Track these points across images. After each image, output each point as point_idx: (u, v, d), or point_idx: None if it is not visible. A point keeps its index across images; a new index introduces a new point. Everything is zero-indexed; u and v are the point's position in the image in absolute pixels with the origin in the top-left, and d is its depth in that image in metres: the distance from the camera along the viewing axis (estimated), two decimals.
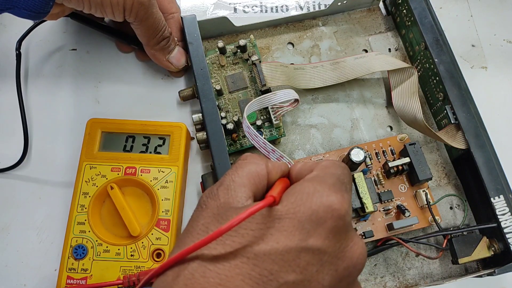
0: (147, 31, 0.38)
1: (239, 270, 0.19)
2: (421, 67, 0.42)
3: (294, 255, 0.20)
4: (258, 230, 0.20)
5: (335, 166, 0.25)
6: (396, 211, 0.37)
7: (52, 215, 0.39)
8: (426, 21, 0.41)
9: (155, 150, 0.39)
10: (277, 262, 0.19)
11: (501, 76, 0.46)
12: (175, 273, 0.20)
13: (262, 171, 0.25)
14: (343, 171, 0.25)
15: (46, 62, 0.45)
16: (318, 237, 0.20)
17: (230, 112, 0.41)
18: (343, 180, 0.24)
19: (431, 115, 0.43)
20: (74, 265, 0.36)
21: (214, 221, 0.22)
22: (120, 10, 0.35)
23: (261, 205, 0.20)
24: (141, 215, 0.38)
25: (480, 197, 0.37)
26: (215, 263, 0.20)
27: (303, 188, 0.22)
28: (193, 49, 0.40)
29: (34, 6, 0.31)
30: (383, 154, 0.39)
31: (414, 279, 0.38)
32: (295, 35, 0.46)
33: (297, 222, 0.20)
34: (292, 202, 0.21)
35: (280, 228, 0.20)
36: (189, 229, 0.23)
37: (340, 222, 0.21)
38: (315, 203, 0.21)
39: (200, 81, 0.38)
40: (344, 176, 0.25)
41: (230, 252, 0.20)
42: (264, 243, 0.20)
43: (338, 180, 0.24)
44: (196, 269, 0.20)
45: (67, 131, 0.42)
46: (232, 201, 0.23)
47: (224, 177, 0.25)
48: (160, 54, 0.40)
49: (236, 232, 0.20)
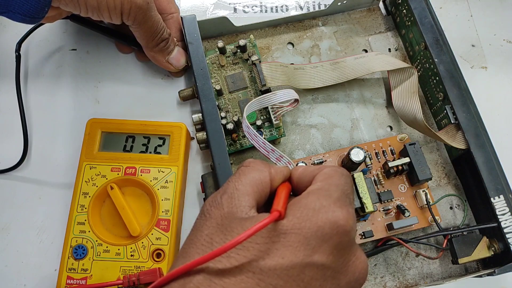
0: (145, 34, 0.38)
1: (244, 285, 0.19)
2: (421, 67, 0.42)
3: (299, 270, 0.20)
4: (264, 244, 0.20)
5: (337, 175, 0.25)
6: (396, 211, 0.37)
7: (52, 215, 0.39)
8: (426, 21, 0.41)
9: (155, 150, 0.39)
10: (282, 277, 0.20)
11: (501, 76, 0.46)
12: (180, 285, 0.20)
13: (265, 178, 0.25)
14: (346, 180, 0.25)
15: (46, 62, 0.45)
16: (323, 253, 0.20)
17: (230, 112, 0.41)
18: (347, 192, 0.24)
19: (431, 115, 0.43)
20: (74, 265, 0.36)
21: (218, 232, 0.22)
22: (117, 14, 0.35)
23: (267, 221, 0.20)
24: (141, 215, 0.38)
25: (480, 197, 0.37)
26: (221, 276, 0.20)
27: (309, 202, 0.22)
28: (193, 49, 0.40)
29: (29, 11, 0.30)
30: (383, 154, 0.39)
31: (414, 279, 0.38)
32: (295, 35, 0.46)
33: (303, 237, 0.20)
34: (298, 217, 0.21)
35: (285, 243, 0.20)
36: (192, 239, 0.23)
37: (345, 238, 0.21)
38: (321, 219, 0.21)
39: (200, 81, 0.38)
40: (347, 186, 0.25)
41: (236, 266, 0.20)
42: (269, 258, 0.20)
43: (343, 193, 0.24)
44: (201, 282, 0.20)
45: (67, 131, 0.42)
46: (236, 211, 0.23)
47: (227, 184, 0.24)
48: (159, 55, 0.40)
49: (242, 246, 0.21)
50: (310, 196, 0.23)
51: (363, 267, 0.23)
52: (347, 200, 0.23)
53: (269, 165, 0.26)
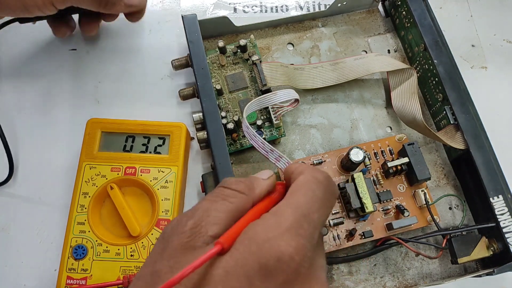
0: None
1: None
2: (420, 68, 0.43)
3: None
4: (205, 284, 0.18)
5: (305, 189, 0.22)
6: (395, 211, 0.38)
7: (52, 215, 0.39)
8: (425, 23, 0.41)
9: (155, 150, 0.39)
10: None
11: (501, 76, 0.46)
12: None
13: (247, 205, 0.22)
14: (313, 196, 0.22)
15: (46, 62, 0.45)
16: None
17: (230, 111, 0.41)
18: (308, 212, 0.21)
19: (430, 116, 0.43)
20: (74, 265, 0.36)
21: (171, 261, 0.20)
22: None
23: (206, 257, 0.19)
24: (141, 215, 0.38)
25: (479, 197, 0.37)
26: None
27: (257, 233, 0.20)
28: (194, 48, 0.40)
29: None
30: (382, 154, 0.39)
31: (413, 279, 0.38)
32: (295, 36, 0.46)
33: (245, 278, 0.18)
34: (241, 252, 0.19)
35: (226, 284, 0.18)
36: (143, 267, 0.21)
37: (292, 276, 0.19)
38: (264, 255, 0.19)
39: (200, 81, 0.38)
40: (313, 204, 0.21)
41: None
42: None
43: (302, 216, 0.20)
44: None
45: (67, 131, 0.42)
46: (195, 242, 0.20)
47: (198, 206, 0.22)
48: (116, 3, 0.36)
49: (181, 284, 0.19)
50: (261, 223, 0.20)
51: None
52: (303, 226, 0.20)
53: (252, 185, 0.23)
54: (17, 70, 0.44)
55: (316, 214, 0.21)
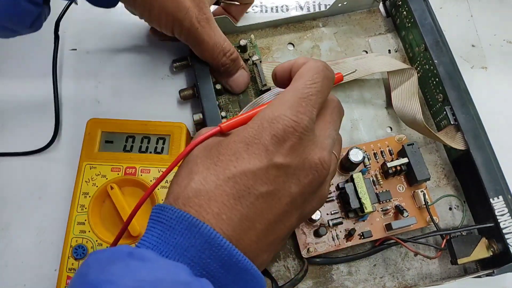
0: (201, 54, 0.38)
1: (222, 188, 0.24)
2: (420, 68, 0.43)
3: (264, 171, 0.24)
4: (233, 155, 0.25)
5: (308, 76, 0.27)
6: (395, 211, 0.38)
7: (52, 215, 0.39)
8: (426, 23, 0.41)
9: (155, 150, 0.39)
10: (251, 178, 0.24)
11: (501, 76, 0.46)
12: None
13: None
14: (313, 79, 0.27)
15: (46, 63, 0.45)
16: (280, 156, 0.24)
17: (230, 111, 0.41)
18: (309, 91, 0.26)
19: (430, 116, 0.43)
20: (74, 265, 0.36)
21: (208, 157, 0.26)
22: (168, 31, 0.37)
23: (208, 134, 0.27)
24: (141, 215, 0.38)
25: (479, 198, 0.37)
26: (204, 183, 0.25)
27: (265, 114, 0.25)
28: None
29: None
30: (382, 155, 0.39)
31: (413, 279, 0.38)
32: (296, 36, 0.46)
33: (262, 146, 0.24)
34: (256, 128, 0.25)
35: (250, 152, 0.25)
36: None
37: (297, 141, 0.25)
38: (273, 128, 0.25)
39: (201, 81, 0.38)
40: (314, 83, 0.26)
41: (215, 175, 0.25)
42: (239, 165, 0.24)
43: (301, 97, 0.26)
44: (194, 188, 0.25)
45: (67, 131, 0.42)
46: None
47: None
48: (217, 75, 0.40)
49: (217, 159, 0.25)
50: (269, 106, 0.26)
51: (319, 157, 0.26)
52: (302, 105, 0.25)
53: None
54: (17, 70, 0.44)
55: (314, 96, 0.26)
